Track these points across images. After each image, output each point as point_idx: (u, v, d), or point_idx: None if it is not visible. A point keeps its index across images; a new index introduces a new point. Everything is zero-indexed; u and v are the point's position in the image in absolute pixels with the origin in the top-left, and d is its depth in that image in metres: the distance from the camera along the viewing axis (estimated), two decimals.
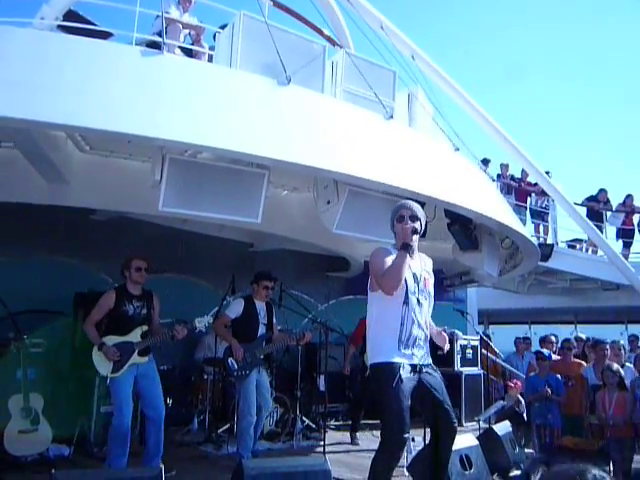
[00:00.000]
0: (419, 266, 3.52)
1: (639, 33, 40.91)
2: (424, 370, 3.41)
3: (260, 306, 5.41)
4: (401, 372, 3.25)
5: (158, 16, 5.56)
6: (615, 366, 5.77)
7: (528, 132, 42.01)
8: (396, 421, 3.21)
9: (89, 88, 3.95)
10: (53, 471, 3.05)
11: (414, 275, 3.44)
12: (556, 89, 46.42)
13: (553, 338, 8.44)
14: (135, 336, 4.72)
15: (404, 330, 3.36)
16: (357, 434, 6.97)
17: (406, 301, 3.37)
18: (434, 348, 3.65)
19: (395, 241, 3.52)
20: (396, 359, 3.30)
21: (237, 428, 5.42)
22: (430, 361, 3.51)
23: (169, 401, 6.27)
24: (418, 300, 3.43)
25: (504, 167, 11.80)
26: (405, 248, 3.32)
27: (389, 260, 3.35)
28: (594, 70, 43.58)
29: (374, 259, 3.46)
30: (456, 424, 3.41)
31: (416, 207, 3.54)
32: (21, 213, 5.65)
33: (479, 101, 8.18)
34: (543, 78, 46.62)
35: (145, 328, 4.78)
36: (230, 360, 5.17)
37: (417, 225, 3.44)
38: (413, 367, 3.35)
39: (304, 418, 6.99)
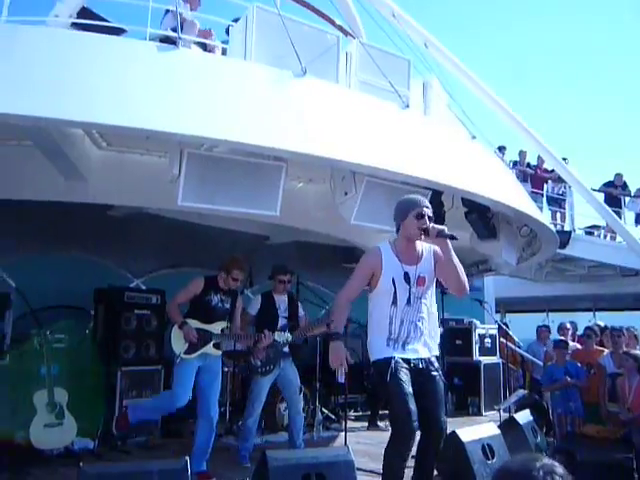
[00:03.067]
0: (417, 265, 3.44)
1: None
2: (419, 366, 3.37)
3: (280, 300, 5.40)
4: (394, 364, 3.25)
5: (167, 12, 5.57)
6: (633, 351, 5.72)
7: (543, 119, 41.63)
8: (400, 409, 3.19)
9: (105, 85, 3.97)
10: (81, 464, 3.08)
11: (406, 275, 3.38)
12: (569, 76, 45.86)
13: (568, 325, 8.37)
14: (215, 328, 4.81)
15: (393, 329, 3.37)
16: (377, 422, 7.02)
17: (394, 302, 3.36)
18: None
19: (401, 232, 3.45)
20: (388, 354, 3.31)
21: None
22: (429, 356, 3.45)
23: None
24: (409, 300, 3.38)
25: (522, 154, 11.69)
26: None
27: (357, 281, 3.44)
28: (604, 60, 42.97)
29: (355, 273, 3.48)
30: (445, 428, 3.36)
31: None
32: (40, 210, 5.70)
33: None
34: (555, 66, 46.03)
35: (225, 324, 4.87)
36: (252, 359, 5.18)
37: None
38: (406, 360, 3.33)
39: (323, 409, 7.03)
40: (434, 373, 3.42)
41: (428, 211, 3.42)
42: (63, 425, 4.98)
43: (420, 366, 3.38)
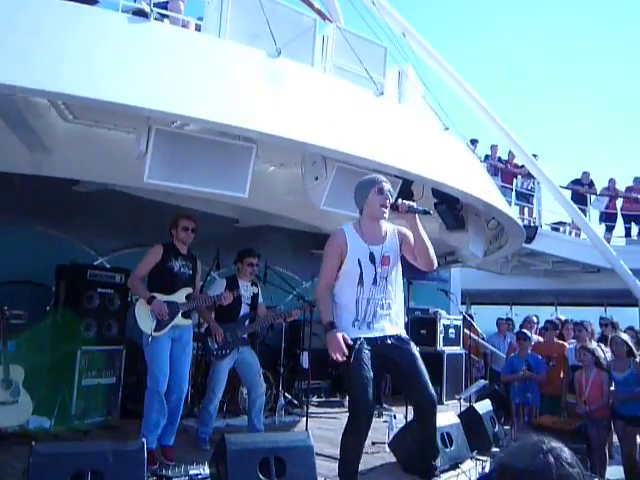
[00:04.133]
0: (382, 244, 3.46)
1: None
2: (387, 342, 3.38)
3: (244, 285, 5.35)
4: (358, 345, 3.26)
5: None
6: (591, 345, 5.86)
7: (515, 114, 42.08)
8: (359, 394, 3.22)
9: (72, 54, 3.84)
10: (33, 443, 3.02)
11: (371, 255, 3.41)
12: (543, 71, 46.40)
13: (535, 319, 8.54)
14: (180, 297, 4.64)
15: (359, 309, 3.38)
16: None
17: (360, 282, 3.37)
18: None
19: (365, 212, 3.47)
20: (352, 334, 3.31)
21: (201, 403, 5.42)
22: (397, 333, 3.46)
23: None
24: (375, 280, 3.40)
25: (494, 148, 11.82)
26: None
27: (328, 270, 3.44)
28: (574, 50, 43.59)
29: (325, 258, 3.47)
30: (434, 396, 3.36)
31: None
32: (2, 183, 5.52)
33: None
34: (535, 66, 46.50)
35: (190, 290, 4.72)
36: (209, 340, 5.13)
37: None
38: (372, 340, 3.33)
39: (286, 394, 7.03)
40: (406, 345, 3.43)
41: (387, 185, 3.45)
42: (18, 403, 4.86)
43: (388, 342, 3.39)
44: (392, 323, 3.46)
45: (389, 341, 3.40)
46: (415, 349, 3.46)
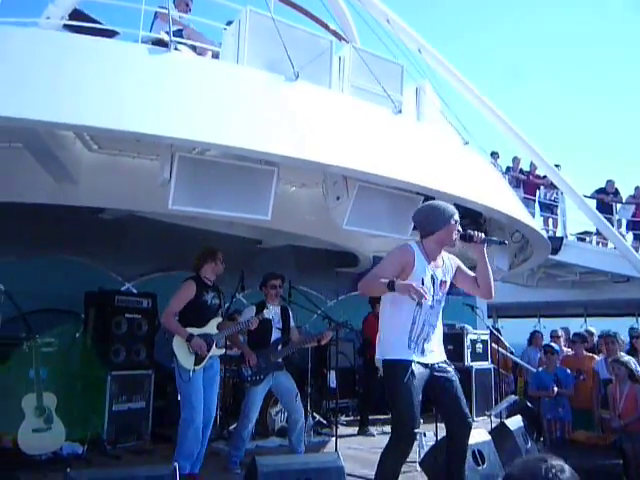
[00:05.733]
0: (441, 269, 3.52)
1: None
2: (436, 367, 3.43)
3: (274, 311, 5.34)
4: (412, 368, 3.29)
5: (156, 17, 5.54)
6: (625, 358, 5.73)
7: (535, 125, 41.80)
8: (407, 416, 3.25)
9: (94, 87, 3.95)
10: (68, 470, 3.05)
11: (433, 278, 3.45)
12: (561, 84, 46.07)
13: (560, 332, 8.39)
14: (212, 328, 4.73)
15: (415, 329, 3.39)
16: (368, 427, 7.02)
17: (420, 303, 3.36)
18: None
19: (435, 237, 3.48)
20: (407, 356, 3.33)
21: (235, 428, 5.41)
22: (444, 358, 3.53)
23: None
24: (432, 303, 3.43)
25: (516, 160, 11.72)
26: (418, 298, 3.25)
27: (387, 272, 3.35)
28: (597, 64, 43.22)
29: (386, 261, 3.50)
30: (471, 420, 3.43)
31: None
32: (31, 213, 5.66)
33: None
34: (547, 74, 46.25)
35: (219, 320, 4.82)
36: (243, 367, 5.14)
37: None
38: (424, 365, 3.38)
39: (315, 414, 7.00)
40: (449, 371, 3.48)
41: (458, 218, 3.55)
42: (52, 430, 4.94)
43: (437, 367, 3.44)
44: (440, 348, 3.52)
45: (437, 367, 3.44)
46: (455, 373, 3.52)
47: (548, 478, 1.46)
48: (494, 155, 10.91)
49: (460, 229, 3.50)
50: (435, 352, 3.47)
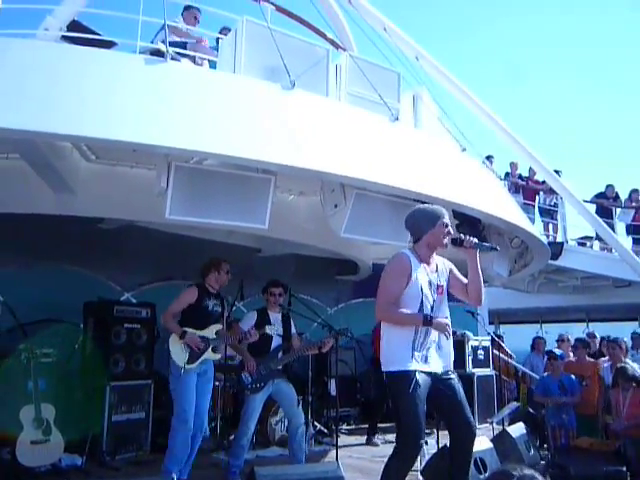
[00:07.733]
0: (436, 273, 3.50)
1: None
2: (439, 376, 3.40)
3: (275, 317, 5.32)
4: (417, 377, 3.25)
5: (162, 28, 5.55)
6: (630, 370, 5.69)
7: (533, 130, 41.85)
8: (412, 426, 3.23)
9: (92, 98, 3.97)
10: None
11: (430, 283, 3.43)
12: (558, 87, 46.21)
13: (570, 336, 8.32)
14: (210, 333, 4.82)
15: (417, 338, 3.35)
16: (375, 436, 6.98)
17: (421, 309, 3.35)
18: None
19: (425, 241, 3.48)
20: (411, 366, 3.29)
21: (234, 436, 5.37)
22: (450, 365, 3.50)
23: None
24: (432, 308, 3.40)
25: (513, 165, 11.71)
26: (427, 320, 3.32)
27: (395, 291, 3.36)
28: (595, 67, 43.36)
29: (388, 278, 3.41)
30: (475, 429, 3.39)
31: None
32: (29, 223, 5.66)
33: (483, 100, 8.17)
34: (544, 77, 46.39)
35: (219, 327, 4.90)
36: (243, 374, 5.11)
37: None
38: (428, 373, 3.34)
39: (316, 423, 6.97)
40: (452, 378, 3.45)
41: (449, 221, 3.54)
42: (50, 441, 4.91)
43: (440, 376, 3.41)
44: (443, 355, 3.49)
45: (441, 376, 3.42)
46: (458, 380, 3.49)
47: None
48: (489, 158, 10.88)
49: (451, 231, 3.48)
50: (440, 361, 3.44)
